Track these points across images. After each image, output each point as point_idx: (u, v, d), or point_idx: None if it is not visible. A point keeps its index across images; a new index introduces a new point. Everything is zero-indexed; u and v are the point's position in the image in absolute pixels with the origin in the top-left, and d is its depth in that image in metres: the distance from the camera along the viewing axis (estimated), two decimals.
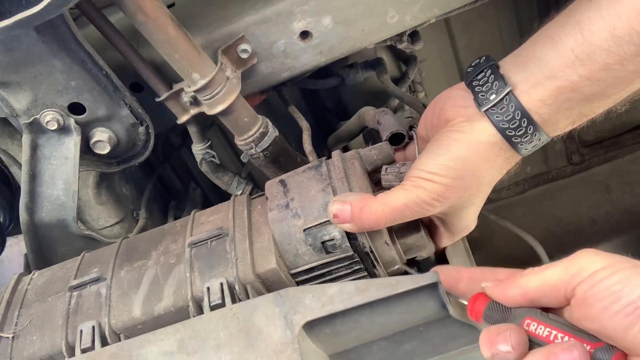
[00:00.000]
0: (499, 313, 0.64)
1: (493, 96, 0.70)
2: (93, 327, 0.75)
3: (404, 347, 0.72)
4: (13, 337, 0.78)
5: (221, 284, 0.73)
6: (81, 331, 0.75)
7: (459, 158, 0.72)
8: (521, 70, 0.71)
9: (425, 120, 0.83)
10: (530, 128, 0.70)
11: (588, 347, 0.58)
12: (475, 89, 0.73)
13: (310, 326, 0.67)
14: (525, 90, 0.70)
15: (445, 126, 0.76)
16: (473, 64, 0.76)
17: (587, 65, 0.66)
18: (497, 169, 0.74)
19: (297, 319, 0.66)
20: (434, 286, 0.64)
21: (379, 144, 0.85)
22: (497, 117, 0.71)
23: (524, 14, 1.38)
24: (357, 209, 0.72)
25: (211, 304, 0.72)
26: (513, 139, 0.71)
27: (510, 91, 0.70)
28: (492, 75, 0.72)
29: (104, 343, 0.75)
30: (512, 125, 0.70)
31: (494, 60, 0.74)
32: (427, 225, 0.83)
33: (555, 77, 0.68)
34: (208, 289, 0.73)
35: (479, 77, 0.73)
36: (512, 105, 0.70)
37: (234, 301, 0.72)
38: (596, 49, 0.65)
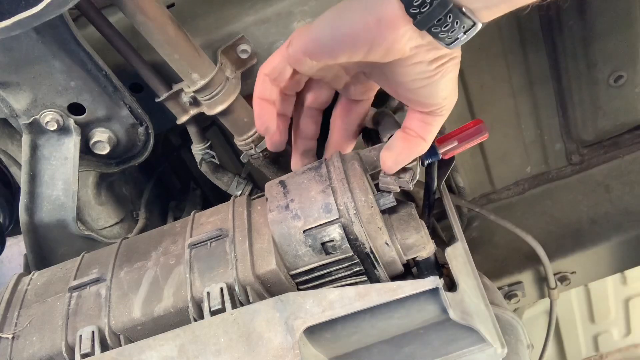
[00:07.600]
0: None
1: None
2: (93, 332, 0.74)
3: (404, 349, 0.72)
4: (13, 338, 0.78)
5: (221, 288, 0.73)
6: (80, 336, 0.75)
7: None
8: None
9: None
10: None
11: None
12: None
13: (311, 331, 0.66)
14: None
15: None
16: None
17: None
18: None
19: (298, 324, 0.65)
20: (434, 291, 0.64)
21: (379, 144, 0.85)
22: None
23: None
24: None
25: (211, 309, 0.72)
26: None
27: None
28: None
29: (104, 345, 0.75)
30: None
31: None
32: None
33: None
34: (208, 293, 0.73)
35: None
36: None
37: (234, 306, 0.72)
38: None
